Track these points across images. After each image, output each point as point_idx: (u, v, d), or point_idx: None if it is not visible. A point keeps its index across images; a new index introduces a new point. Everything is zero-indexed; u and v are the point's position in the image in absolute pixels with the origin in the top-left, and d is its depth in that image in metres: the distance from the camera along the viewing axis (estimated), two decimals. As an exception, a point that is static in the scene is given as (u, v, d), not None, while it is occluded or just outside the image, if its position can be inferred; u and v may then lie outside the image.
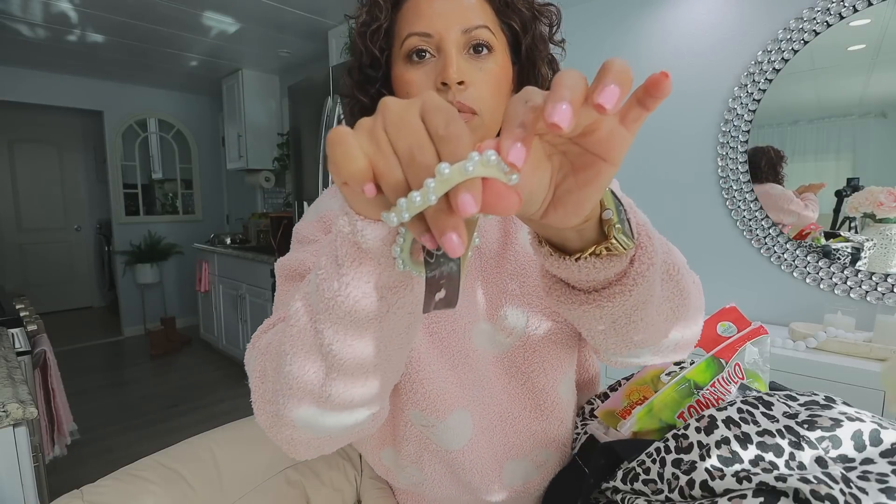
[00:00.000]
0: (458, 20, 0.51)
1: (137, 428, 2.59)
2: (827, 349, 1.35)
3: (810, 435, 0.39)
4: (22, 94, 3.64)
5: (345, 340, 0.34)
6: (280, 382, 0.39)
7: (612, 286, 0.36)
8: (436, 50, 0.52)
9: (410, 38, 0.52)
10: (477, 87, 0.52)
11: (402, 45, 0.53)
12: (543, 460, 0.61)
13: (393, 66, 0.56)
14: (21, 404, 0.88)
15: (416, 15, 0.52)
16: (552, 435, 0.60)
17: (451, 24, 0.51)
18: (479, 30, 0.52)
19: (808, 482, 0.34)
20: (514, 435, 0.59)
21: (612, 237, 0.33)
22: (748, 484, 0.37)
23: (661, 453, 0.45)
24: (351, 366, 0.36)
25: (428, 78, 0.52)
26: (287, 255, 0.58)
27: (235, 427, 0.83)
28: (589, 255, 0.34)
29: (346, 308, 0.33)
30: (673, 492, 0.42)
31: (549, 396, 0.60)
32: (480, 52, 0.52)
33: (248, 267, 3.21)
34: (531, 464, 0.60)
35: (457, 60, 0.51)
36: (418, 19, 0.52)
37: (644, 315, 0.39)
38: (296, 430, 0.41)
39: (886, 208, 1.41)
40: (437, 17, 0.51)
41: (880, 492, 0.34)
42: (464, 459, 0.57)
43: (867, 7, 1.42)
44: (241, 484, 0.75)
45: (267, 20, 2.67)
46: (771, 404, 0.43)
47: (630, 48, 1.97)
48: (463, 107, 0.51)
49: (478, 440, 0.58)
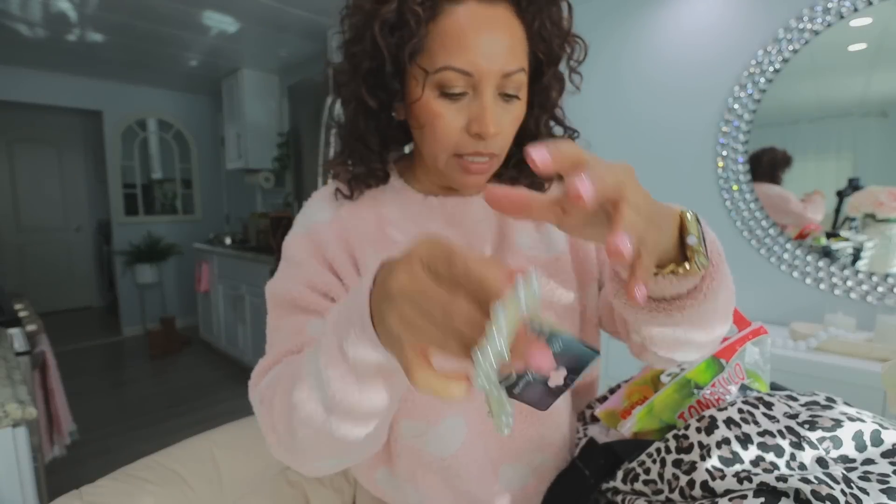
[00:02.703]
0: (501, 62, 0.47)
1: (137, 428, 2.59)
2: (827, 349, 1.35)
3: (811, 435, 0.39)
4: (21, 94, 3.64)
5: (356, 423, 0.39)
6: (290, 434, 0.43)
7: (684, 299, 0.39)
8: (471, 88, 0.48)
9: (448, 73, 0.47)
10: (504, 133, 0.51)
11: (435, 72, 0.47)
12: (539, 464, 0.60)
13: (411, 75, 0.50)
14: (20, 405, 0.88)
15: (459, 45, 0.46)
16: (548, 439, 0.60)
17: (493, 66, 0.47)
18: (517, 74, 0.49)
19: (809, 482, 0.34)
20: (509, 439, 0.58)
21: (694, 261, 0.36)
22: (749, 484, 0.37)
23: (662, 453, 0.45)
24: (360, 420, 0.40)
25: (459, 115, 0.49)
26: (276, 276, 0.57)
27: (235, 427, 0.83)
28: (668, 272, 0.37)
29: (366, 409, 0.38)
30: (673, 492, 0.42)
31: None
32: (510, 98, 0.50)
33: (247, 267, 3.21)
34: (527, 467, 0.59)
35: (492, 108, 0.48)
36: (460, 52, 0.46)
37: (707, 322, 0.42)
38: None
39: (887, 208, 1.41)
40: (480, 57, 0.46)
41: (881, 492, 0.34)
42: (458, 465, 0.56)
43: (867, 7, 1.42)
44: (241, 484, 0.75)
45: (267, 20, 2.67)
46: (771, 405, 0.43)
47: (631, 48, 1.97)
48: (488, 154, 0.50)
49: (471, 444, 0.57)
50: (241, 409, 2.83)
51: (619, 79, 2.00)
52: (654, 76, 1.92)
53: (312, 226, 0.58)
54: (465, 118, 0.49)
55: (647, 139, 1.96)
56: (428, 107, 0.49)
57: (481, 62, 0.47)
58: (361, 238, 0.56)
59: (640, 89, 1.96)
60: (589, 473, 0.53)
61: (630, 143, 2.00)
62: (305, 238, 0.57)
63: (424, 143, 0.53)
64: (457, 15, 0.47)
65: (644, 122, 1.96)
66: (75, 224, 5.14)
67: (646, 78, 1.94)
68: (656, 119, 1.93)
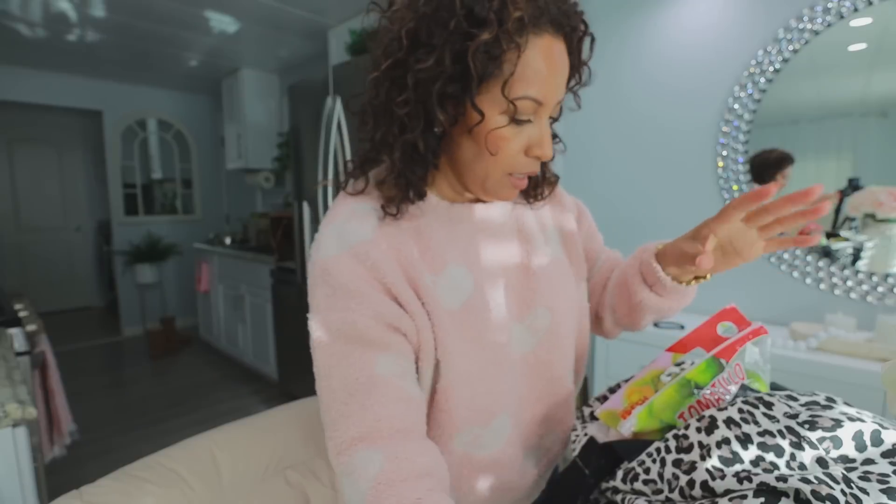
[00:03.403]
0: (561, 93, 0.53)
1: (137, 428, 2.59)
2: (827, 349, 1.35)
3: (811, 435, 0.39)
4: (21, 94, 3.64)
5: None
6: None
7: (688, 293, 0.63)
8: (534, 115, 0.52)
9: (525, 102, 0.50)
10: None
11: (514, 100, 0.49)
12: (550, 446, 0.68)
13: (480, 96, 0.50)
14: (20, 404, 0.88)
15: (538, 78, 0.49)
16: (559, 417, 0.67)
17: (557, 97, 0.52)
18: (561, 101, 0.54)
19: (809, 482, 0.34)
20: (535, 424, 0.65)
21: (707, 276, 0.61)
22: (749, 484, 0.37)
23: (662, 453, 0.45)
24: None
25: (520, 139, 0.52)
26: (327, 308, 0.51)
27: (235, 427, 0.83)
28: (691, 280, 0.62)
29: None
30: (673, 492, 0.42)
31: (562, 384, 0.66)
32: (552, 122, 0.56)
33: (247, 267, 3.21)
34: (541, 450, 0.67)
35: (548, 134, 0.53)
36: (539, 84, 0.50)
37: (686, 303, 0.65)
38: None
39: (887, 208, 1.41)
40: (551, 87, 0.51)
41: (881, 492, 0.34)
42: (504, 458, 0.61)
43: (867, 6, 1.42)
44: (241, 484, 0.75)
45: (267, 20, 2.67)
46: (772, 404, 0.43)
47: (631, 48, 1.97)
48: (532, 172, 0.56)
49: (512, 437, 0.61)
50: (241, 409, 2.83)
51: (619, 79, 2.00)
52: (655, 76, 1.92)
53: (357, 245, 0.52)
54: (525, 142, 0.53)
55: (647, 139, 1.96)
56: (498, 132, 0.51)
57: (551, 94, 0.51)
58: (410, 255, 0.54)
59: (640, 90, 1.96)
60: (589, 473, 0.53)
61: (630, 144, 2.00)
62: (354, 261, 0.52)
63: (478, 161, 0.54)
64: (538, 48, 0.49)
65: (644, 122, 1.96)
66: (75, 224, 5.14)
67: (646, 78, 1.94)
68: (656, 119, 1.93)
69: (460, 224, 0.60)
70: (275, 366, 3.05)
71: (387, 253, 0.53)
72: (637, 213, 2.00)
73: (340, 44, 2.55)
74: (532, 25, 0.48)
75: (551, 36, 0.50)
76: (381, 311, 0.50)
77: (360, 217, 0.55)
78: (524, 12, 0.47)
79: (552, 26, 0.50)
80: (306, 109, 2.28)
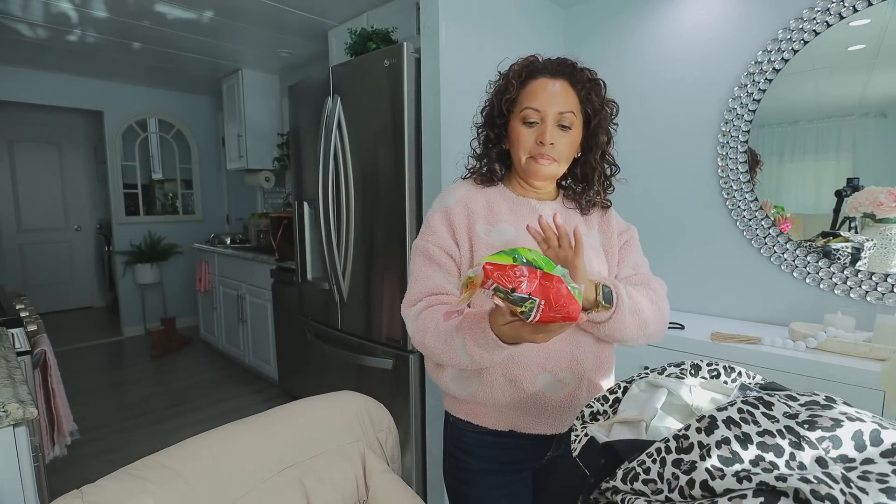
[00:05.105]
0: (557, 105, 0.86)
1: (137, 428, 2.59)
2: (827, 349, 1.35)
3: (811, 435, 0.39)
4: (22, 94, 3.64)
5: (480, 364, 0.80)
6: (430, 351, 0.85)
7: (605, 322, 0.83)
8: (540, 119, 0.86)
9: (527, 111, 0.87)
10: (558, 146, 0.87)
11: (521, 111, 0.87)
12: (568, 381, 0.88)
13: (511, 118, 0.90)
14: (21, 404, 0.88)
15: (534, 96, 0.87)
16: (577, 358, 0.88)
17: (553, 107, 0.86)
18: (567, 114, 0.86)
19: (809, 482, 0.34)
20: (549, 350, 0.86)
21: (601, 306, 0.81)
22: (748, 484, 0.37)
23: (662, 453, 0.45)
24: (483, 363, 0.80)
25: (532, 134, 0.87)
26: (419, 237, 0.93)
27: (235, 427, 0.83)
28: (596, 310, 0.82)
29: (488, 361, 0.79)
30: (673, 492, 0.42)
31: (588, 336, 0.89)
32: (565, 128, 0.87)
33: (248, 267, 3.21)
34: (558, 381, 0.88)
35: (551, 130, 0.86)
36: (535, 99, 0.86)
37: (621, 333, 0.84)
38: None
39: (886, 208, 1.41)
40: (546, 101, 0.86)
41: (881, 492, 0.34)
42: (518, 356, 0.85)
43: (867, 7, 1.42)
44: (241, 484, 0.75)
45: (267, 20, 2.67)
46: (771, 404, 0.43)
47: (631, 48, 1.97)
48: (549, 157, 0.87)
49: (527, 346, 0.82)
50: (241, 408, 2.83)
51: (619, 79, 2.00)
52: (654, 77, 1.92)
53: (448, 205, 0.93)
54: (535, 136, 0.87)
55: (647, 139, 1.96)
56: (517, 130, 0.89)
57: (545, 103, 0.86)
58: (475, 210, 0.91)
59: (640, 90, 1.96)
60: (589, 473, 0.53)
61: (630, 144, 2.00)
62: (441, 214, 0.92)
63: (515, 152, 0.91)
64: (536, 83, 0.88)
65: (644, 122, 1.96)
66: (76, 224, 5.15)
67: (646, 78, 1.94)
68: (657, 119, 1.93)
69: (518, 206, 0.93)
70: (275, 366, 3.05)
71: (461, 212, 0.91)
72: (637, 212, 2.00)
73: (340, 44, 2.55)
74: (527, 76, 0.89)
75: (547, 78, 0.87)
76: (442, 243, 0.90)
77: (453, 191, 0.96)
78: (521, 68, 0.89)
79: (548, 73, 0.88)
80: (306, 109, 2.28)
